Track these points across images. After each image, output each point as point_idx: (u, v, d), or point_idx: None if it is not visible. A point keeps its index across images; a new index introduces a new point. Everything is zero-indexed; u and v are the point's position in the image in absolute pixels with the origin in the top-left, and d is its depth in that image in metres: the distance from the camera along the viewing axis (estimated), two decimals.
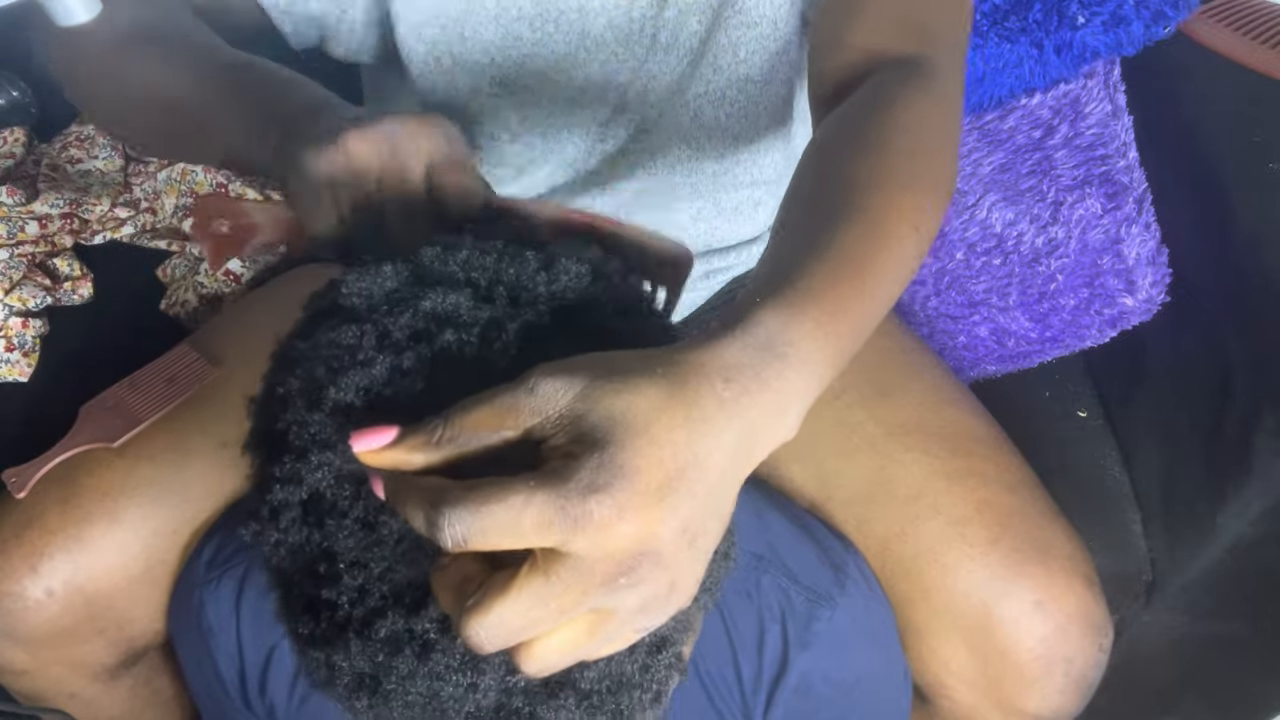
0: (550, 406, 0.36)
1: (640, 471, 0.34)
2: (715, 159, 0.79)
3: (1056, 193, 0.95)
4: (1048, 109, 0.97)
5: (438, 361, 0.40)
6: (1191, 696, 0.96)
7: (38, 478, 0.74)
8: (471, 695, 0.39)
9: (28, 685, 0.79)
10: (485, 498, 0.34)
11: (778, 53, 0.74)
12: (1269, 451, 0.77)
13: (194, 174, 1.14)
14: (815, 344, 0.40)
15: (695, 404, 0.36)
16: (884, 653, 0.74)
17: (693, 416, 0.36)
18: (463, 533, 0.34)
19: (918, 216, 0.49)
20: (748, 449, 0.37)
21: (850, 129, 0.54)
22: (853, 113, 0.55)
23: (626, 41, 0.72)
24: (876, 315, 0.45)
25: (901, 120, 0.53)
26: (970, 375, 1.04)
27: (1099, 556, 0.77)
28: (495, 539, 0.34)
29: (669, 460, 0.35)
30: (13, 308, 1.01)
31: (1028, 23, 0.93)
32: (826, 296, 0.42)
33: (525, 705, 0.40)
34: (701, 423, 0.36)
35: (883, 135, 0.52)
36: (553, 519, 0.33)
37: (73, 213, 1.08)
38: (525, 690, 0.40)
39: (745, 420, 0.37)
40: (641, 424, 0.35)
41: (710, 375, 0.37)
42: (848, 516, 0.77)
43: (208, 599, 0.71)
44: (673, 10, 0.71)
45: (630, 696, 0.42)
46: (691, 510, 0.35)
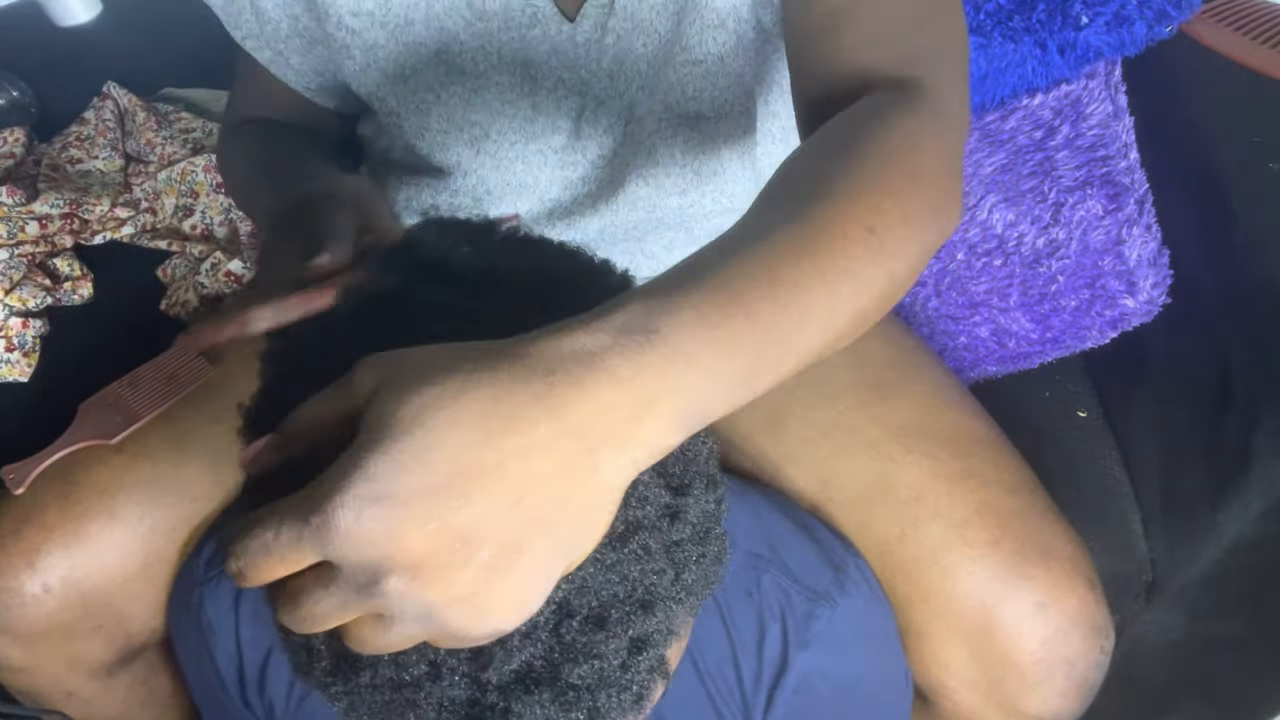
0: (360, 395, 0.34)
1: (387, 476, 0.31)
2: (679, 194, 0.77)
3: (1057, 194, 0.95)
4: (1049, 110, 0.97)
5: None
6: (1191, 696, 0.96)
7: (36, 474, 0.74)
8: (436, 684, 0.39)
9: (25, 682, 0.78)
10: (245, 528, 0.33)
11: (728, 88, 0.71)
12: (1269, 451, 0.77)
13: (194, 174, 1.14)
14: (693, 334, 0.35)
15: (494, 400, 0.32)
16: (884, 653, 0.74)
17: (486, 415, 0.32)
18: (238, 566, 0.33)
19: (873, 218, 0.42)
20: (586, 450, 0.33)
21: (825, 143, 0.50)
22: (834, 128, 0.51)
23: (572, 66, 0.70)
24: (808, 321, 0.39)
25: (883, 136, 0.48)
26: (970, 376, 1.04)
27: (1099, 556, 0.77)
28: (263, 566, 0.33)
29: (437, 464, 0.31)
30: (13, 308, 1.01)
31: (1031, 22, 0.93)
32: (720, 289, 0.37)
33: (500, 700, 0.39)
34: (499, 421, 0.32)
35: (856, 147, 0.47)
36: (300, 532, 0.32)
37: (73, 213, 1.08)
38: (499, 686, 0.39)
39: (573, 416, 0.33)
40: (407, 423, 0.32)
41: (531, 367, 0.33)
42: (848, 518, 0.77)
43: (207, 597, 0.71)
44: (612, 36, 0.69)
45: (608, 696, 0.41)
46: (471, 520, 0.32)
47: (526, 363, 0.33)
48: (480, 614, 0.33)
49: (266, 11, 0.72)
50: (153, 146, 1.17)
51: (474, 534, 0.32)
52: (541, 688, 0.39)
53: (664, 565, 0.41)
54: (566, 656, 0.39)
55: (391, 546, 0.32)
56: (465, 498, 0.32)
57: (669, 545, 0.41)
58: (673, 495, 0.42)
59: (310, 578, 0.33)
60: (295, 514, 0.32)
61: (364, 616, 0.34)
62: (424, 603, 0.32)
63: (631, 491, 0.40)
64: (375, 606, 0.33)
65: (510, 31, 0.69)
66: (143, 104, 1.20)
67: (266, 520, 0.33)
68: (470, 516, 0.32)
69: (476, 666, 0.39)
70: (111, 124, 1.19)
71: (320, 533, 0.32)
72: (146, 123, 1.18)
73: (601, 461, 0.33)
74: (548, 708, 0.39)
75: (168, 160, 1.15)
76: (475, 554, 0.32)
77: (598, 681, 0.40)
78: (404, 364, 0.34)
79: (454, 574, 0.32)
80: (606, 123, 0.73)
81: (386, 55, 0.71)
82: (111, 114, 1.20)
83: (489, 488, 0.32)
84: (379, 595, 0.32)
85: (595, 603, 0.40)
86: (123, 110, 1.21)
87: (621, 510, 0.39)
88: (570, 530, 0.34)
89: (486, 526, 0.32)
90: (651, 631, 0.41)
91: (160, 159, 1.16)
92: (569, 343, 0.34)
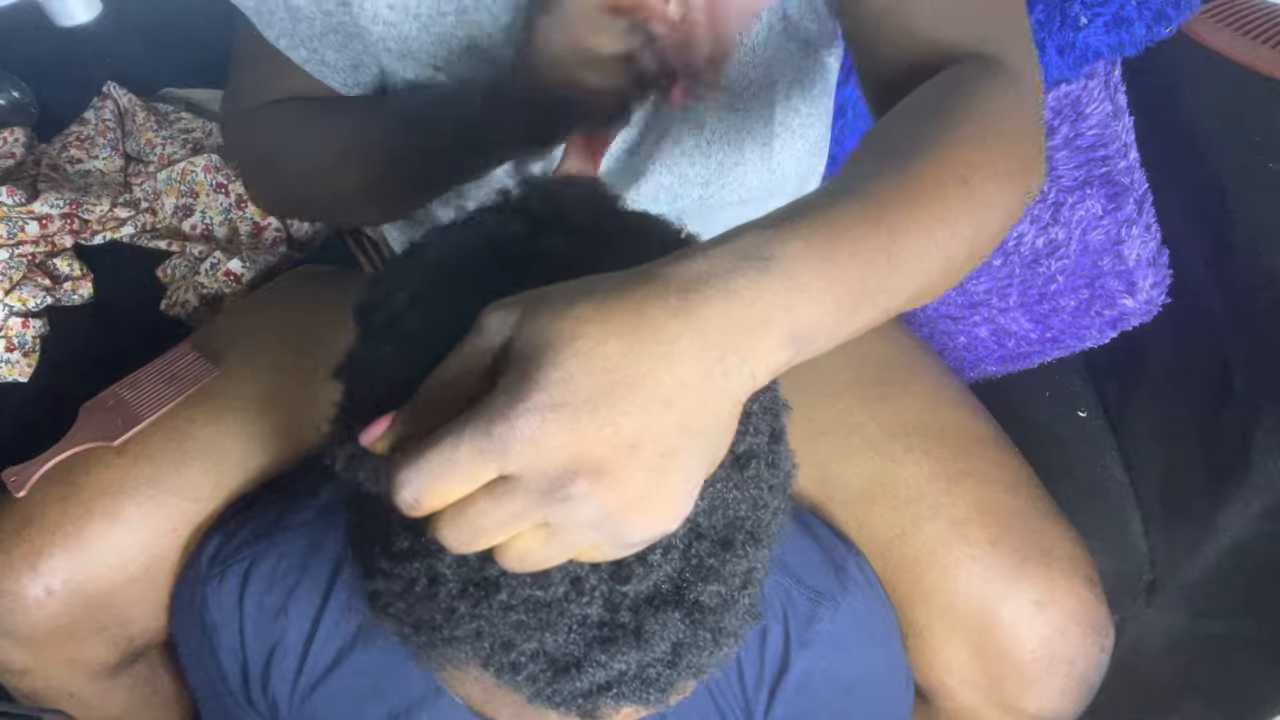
0: (496, 340, 0.35)
1: (562, 384, 0.33)
2: (700, 185, 0.77)
3: (1057, 193, 0.95)
4: (1048, 109, 0.97)
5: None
6: (1191, 696, 0.96)
7: (37, 477, 0.74)
8: (575, 602, 0.40)
9: (27, 684, 0.79)
10: (419, 451, 0.34)
11: (756, 79, 0.72)
12: (1269, 451, 0.77)
13: (194, 174, 1.14)
14: (804, 263, 0.38)
15: (638, 314, 0.34)
16: (885, 653, 0.74)
17: (633, 326, 0.34)
18: (413, 495, 0.34)
19: (966, 169, 0.45)
20: (718, 360, 0.35)
21: (918, 105, 0.52)
22: (923, 94, 0.53)
23: None
24: (905, 262, 0.41)
25: (971, 99, 0.50)
26: (970, 375, 1.04)
27: (1099, 556, 0.78)
28: (443, 488, 0.34)
29: (599, 372, 0.33)
30: (13, 308, 1.01)
31: (1030, 23, 0.93)
32: (828, 224, 0.39)
33: (632, 620, 0.41)
34: (647, 332, 0.34)
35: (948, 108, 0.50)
36: (483, 446, 0.33)
37: (73, 213, 1.08)
38: (632, 605, 0.40)
39: (707, 330, 0.35)
40: (566, 338, 0.34)
41: (665, 285, 0.35)
42: (848, 517, 0.77)
43: (210, 595, 0.71)
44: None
45: (731, 618, 0.43)
46: (638, 424, 0.34)
47: (660, 282, 0.35)
48: (651, 515, 0.35)
49: (300, 9, 0.71)
50: (152, 146, 1.17)
51: (640, 437, 0.34)
52: (671, 606, 0.41)
53: (768, 502, 0.44)
54: (697, 575, 0.41)
55: (576, 449, 0.33)
56: (632, 403, 0.34)
57: (770, 486, 0.44)
58: (772, 437, 0.44)
59: (483, 493, 0.34)
60: (475, 429, 0.33)
61: (527, 529, 0.35)
62: (602, 505, 0.34)
63: (748, 420, 0.42)
64: (554, 514, 0.34)
65: None
66: (143, 104, 1.20)
67: (441, 441, 0.33)
68: (637, 421, 0.34)
69: (617, 581, 0.40)
70: (111, 124, 1.19)
71: (506, 442, 0.33)
72: (146, 123, 1.18)
73: (730, 371, 0.35)
74: (678, 625, 0.41)
75: (168, 160, 1.15)
76: (644, 456, 0.34)
77: (721, 604, 0.42)
78: (539, 296, 0.36)
79: (629, 475, 0.34)
80: (632, 115, 0.74)
81: (420, 47, 0.71)
82: (111, 114, 1.20)
83: (646, 393, 0.34)
84: (562, 500, 0.34)
85: (721, 523, 0.42)
86: (123, 110, 1.21)
87: (739, 436, 0.41)
88: (711, 436, 0.36)
89: (649, 430, 0.34)
90: (755, 567, 0.43)
91: (160, 159, 1.16)
92: (696, 266, 0.36)
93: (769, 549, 0.45)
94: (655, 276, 0.36)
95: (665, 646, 0.41)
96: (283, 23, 0.73)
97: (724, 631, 0.43)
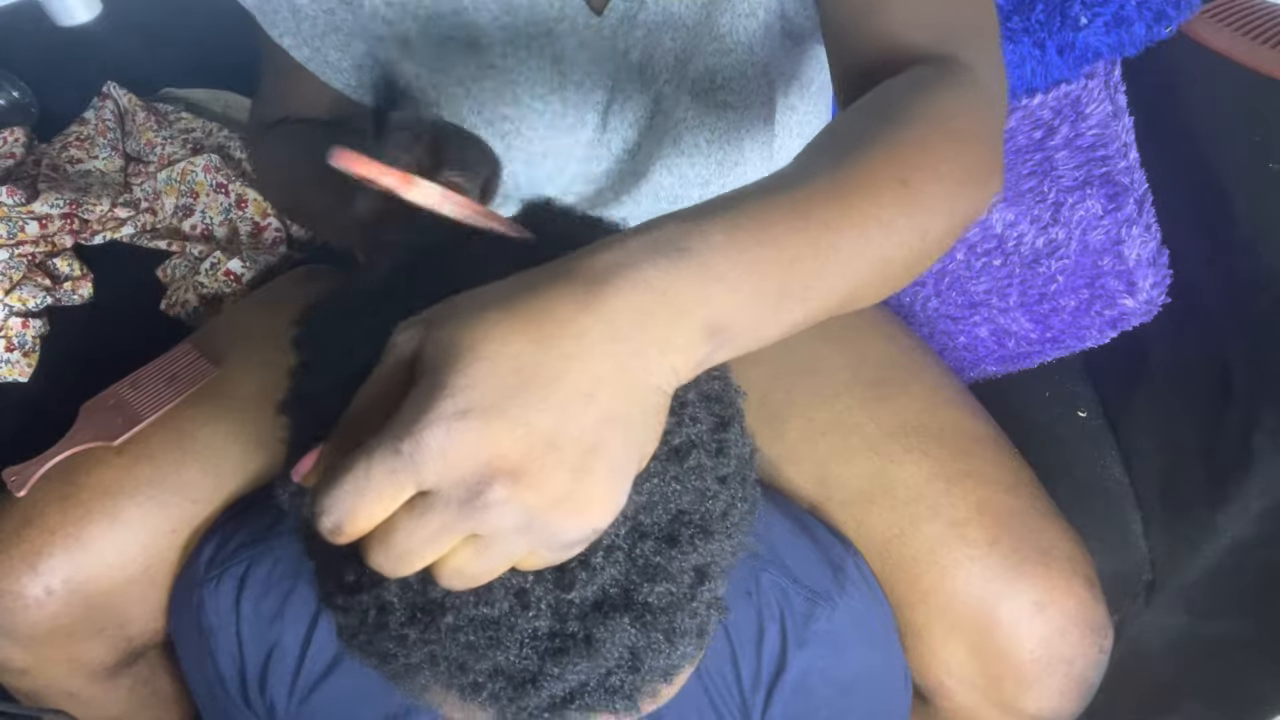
0: (407, 354, 0.35)
1: (467, 389, 0.32)
2: (701, 185, 0.77)
3: (1057, 193, 0.95)
4: (1048, 109, 0.97)
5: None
6: (1191, 696, 0.96)
7: (38, 476, 0.74)
8: (522, 615, 0.39)
9: (27, 684, 0.79)
10: (334, 476, 0.33)
11: (756, 78, 0.72)
12: (1269, 451, 0.77)
13: (194, 174, 1.14)
14: (723, 255, 0.37)
15: (545, 310, 0.34)
16: (883, 653, 0.74)
17: (539, 323, 0.33)
18: (333, 522, 0.33)
19: (907, 170, 0.44)
20: (634, 353, 0.34)
21: (866, 106, 0.51)
22: (876, 94, 0.52)
23: (600, 60, 0.71)
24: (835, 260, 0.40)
25: (922, 101, 0.50)
26: (970, 375, 1.04)
27: (1099, 556, 0.77)
28: (362, 512, 0.33)
29: (507, 374, 0.33)
30: (13, 308, 1.01)
31: (1030, 23, 0.93)
32: (753, 218, 0.38)
33: (580, 629, 0.40)
34: (554, 327, 0.33)
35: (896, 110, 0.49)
36: (393, 464, 0.32)
37: (73, 213, 1.08)
38: (580, 614, 0.40)
39: (619, 321, 0.34)
40: (469, 342, 0.33)
41: (573, 278, 0.35)
42: (847, 518, 0.77)
43: (208, 598, 0.71)
44: (642, 30, 0.69)
45: (682, 618, 0.42)
46: (553, 422, 0.33)
47: (568, 276, 0.35)
48: (580, 512, 0.34)
49: (303, 8, 0.72)
50: (152, 146, 1.17)
51: (558, 435, 0.33)
52: (620, 611, 0.40)
53: (717, 493, 0.43)
54: (644, 576, 0.41)
55: (488, 454, 0.32)
56: (544, 401, 0.33)
57: (719, 477, 0.43)
58: (716, 426, 0.44)
59: (403, 512, 0.33)
60: (384, 448, 0.33)
61: (459, 545, 0.34)
62: (527, 508, 0.33)
63: (683, 410, 0.42)
64: (478, 524, 0.33)
65: (538, 25, 0.69)
66: (143, 104, 1.20)
67: (353, 464, 0.33)
68: (552, 419, 0.33)
69: (562, 588, 0.39)
70: (111, 124, 1.19)
71: (415, 457, 0.32)
72: (146, 123, 1.18)
73: (650, 363, 0.35)
74: (628, 630, 0.41)
75: (167, 160, 1.15)
76: (564, 454, 0.33)
77: (671, 603, 0.41)
78: (447, 306, 0.35)
79: (549, 475, 0.33)
80: (633, 116, 0.74)
81: (419, 48, 0.71)
82: (111, 114, 1.20)
83: (561, 390, 0.33)
84: (482, 508, 0.33)
85: (665, 519, 0.41)
86: (123, 110, 1.21)
87: (676, 427, 0.41)
88: (637, 427, 0.35)
89: (567, 427, 0.33)
90: (710, 562, 0.43)
91: (160, 159, 1.16)
92: (608, 257, 0.35)
93: (729, 539, 0.44)
94: (563, 271, 0.35)
95: (620, 652, 0.41)
96: (286, 21, 0.73)
97: (678, 631, 0.42)
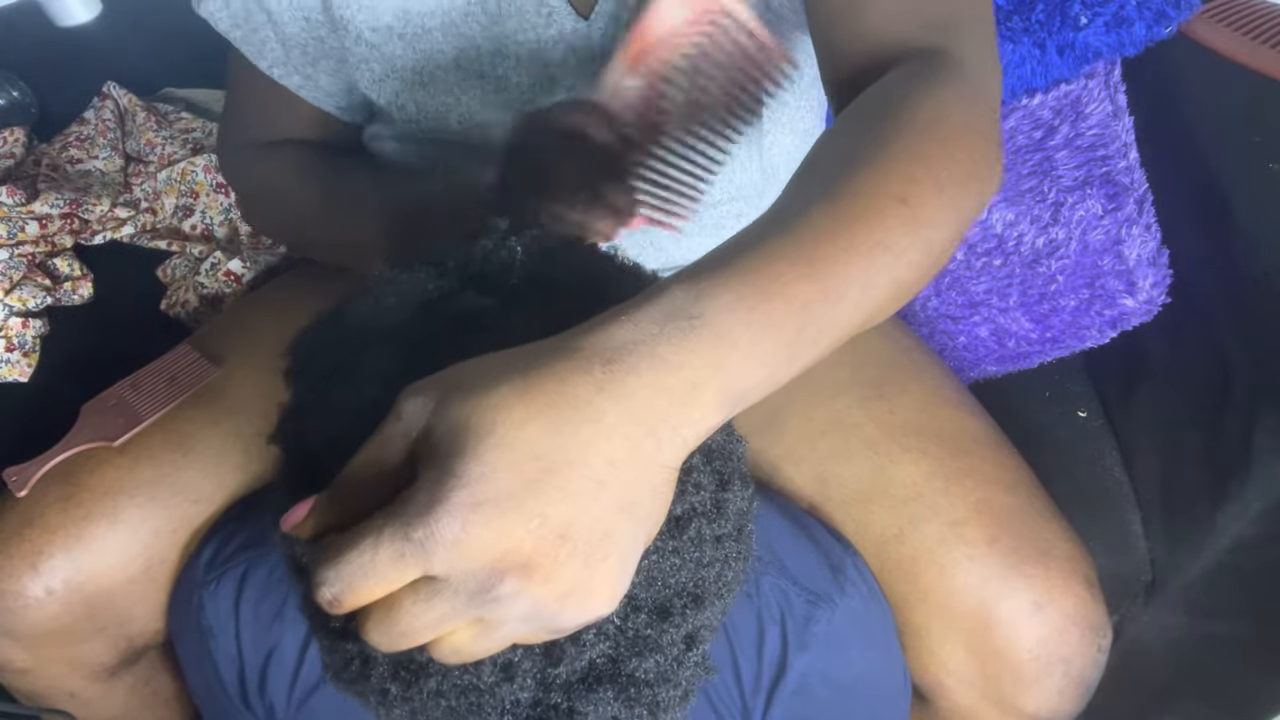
0: (414, 425, 0.34)
1: (483, 480, 0.31)
2: None
3: (1057, 193, 0.94)
4: (1048, 109, 0.97)
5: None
6: (1191, 696, 0.96)
7: (38, 477, 0.74)
8: (507, 686, 0.39)
9: (27, 684, 0.79)
10: (338, 550, 0.33)
11: None
12: (1269, 451, 0.77)
13: (194, 174, 1.14)
14: (734, 318, 0.36)
15: (560, 393, 0.33)
16: (883, 653, 0.74)
17: (556, 407, 0.33)
18: (332, 594, 0.33)
19: (905, 187, 0.43)
20: (649, 433, 0.34)
21: (853, 118, 0.50)
22: (862, 103, 0.51)
23: (589, 63, 0.70)
24: (847, 296, 0.39)
25: (911, 106, 0.48)
26: (970, 375, 1.04)
27: (1099, 556, 0.77)
28: (362, 589, 0.32)
29: (523, 462, 0.32)
30: (13, 308, 1.01)
31: (1030, 23, 0.93)
32: (758, 270, 0.37)
33: (563, 700, 0.40)
34: (570, 412, 0.33)
35: (884, 119, 0.47)
36: (402, 550, 0.32)
37: (73, 213, 1.08)
38: (564, 685, 0.39)
39: (635, 402, 0.33)
40: (485, 427, 0.32)
41: (587, 358, 0.34)
42: (846, 517, 0.77)
43: (207, 599, 0.71)
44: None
45: (667, 691, 0.41)
46: (568, 513, 0.32)
47: (583, 354, 0.34)
48: (585, 603, 0.34)
49: (293, 37, 0.72)
50: (153, 146, 1.17)
51: (571, 525, 0.32)
52: (605, 684, 0.40)
53: (713, 557, 0.42)
54: (632, 650, 0.40)
55: (502, 549, 0.32)
56: (560, 490, 0.32)
57: (715, 538, 0.42)
58: (718, 487, 0.43)
59: (408, 593, 0.33)
60: (394, 531, 0.32)
61: (460, 625, 0.34)
62: (534, 600, 0.33)
63: (685, 478, 0.41)
64: (485, 613, 0.33)
65: (527, 33, 0.69)
66: (143, 104, 1.20)
67: (360, 542, 0.32)
68: (566, 509, 0.32)
69: (548, 664, 0.39)
70: (111, 124, 1.19)
71: (426, 546, 0.31)
72: (146, 123, 1.18)
73: (662, 442, 0.34)
74: (612, 704, 0.40)
75: (168, 160, 1.15)
76: (575, 545, 0.33)
77: (658, 676, 0.41)
78: (457, 378, 0.34)
79: (560, 568, 0.32)
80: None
81: (405, 65, 0.71)
82: (111, 114, 1.20)
83: (576, 478, 0.32)
84: (492, 601, 0.32)
85: (660, 594, 0.40)
86: (123, 110, 1.21)
87: (678, 497, 0.40)
88: (646, 509, 0.35)
89: (581, 516, 0.33)
90: (701, 627, 0.42)
91: (160, 159, 1.16)
92: (619, 333, 0.35)
93: (720, 601, 0.43)
94: (576, 349, 0.34)
95: None
96: (275, 52, 0.73)
97: (661, 705, 0.41)
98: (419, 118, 0.74)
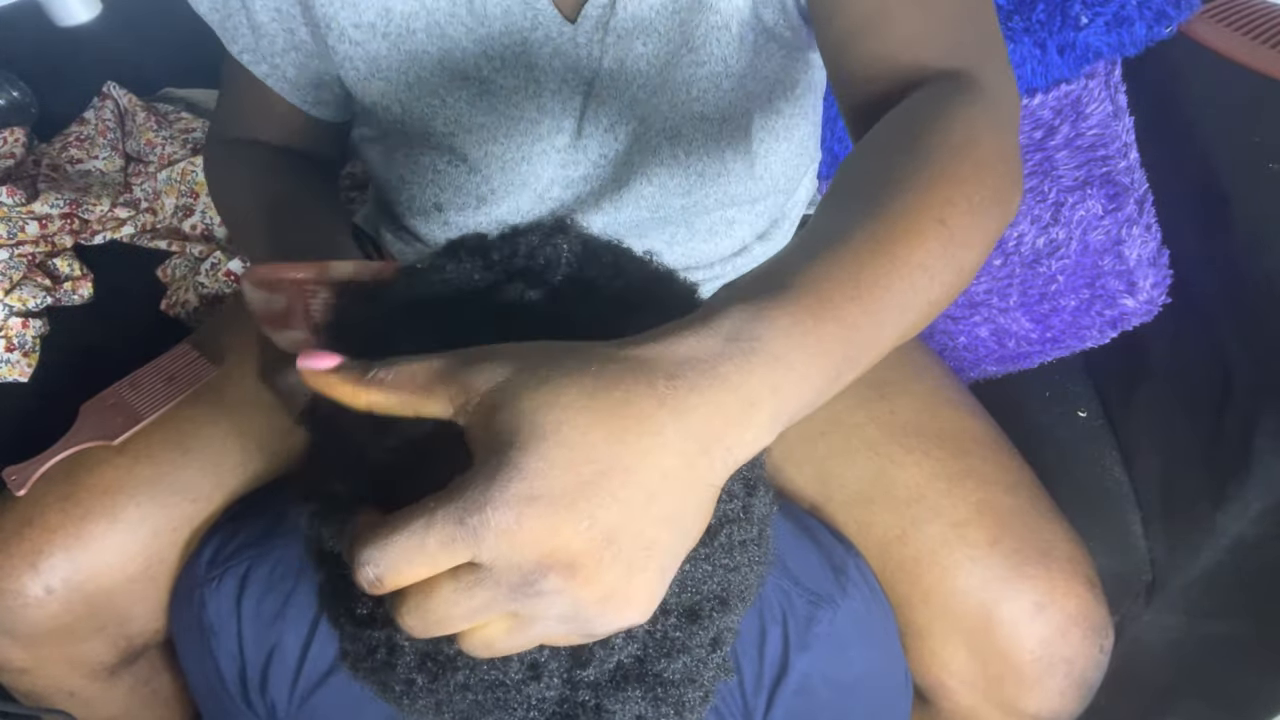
0: (477, 387, 0.34)
1: (542, 475, 0.32)
2: (682, 195, 0.77)
3: (1057, 193, 0.95)
4: (1049, 109, 0.97)
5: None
6: (1191, 696, 0.96)
7: (38, 476, 0.74)
8: (534, 685, 0.39)
9: (27, 683, 0.79)
10: (389, 530, 0.33)
11: (732, 89, 0.72)
12: (1269, 451, 0.77)
13: (194, 174, 1.14)
14: (791, 341, 0.37)
15: (625, 403, 0.33)
16: (884, 654, 0.74)
17: (619, 415, 0.33)
18: (374, 574, 0.33)
19: (943, 209, 0.44)
20: (703, 450, 0.34)
21: (887, 138, 0.51)
22: (893, 122, 0.52)
23: (574, 67, 0.71)
24: (887, 318, 0.41)
25: (944, 129, 0.49)
26: (970, 375, 1.04)
27: (1099, 557, 0.77)
28: (406, 571, 0.33)
29: (581, 464, 0.32)
30: (13, 308, 1.01)
31: (1031, 23, 0.93)
32: (811, 293, 0.38)
33: (591, 698, 0.40)
34: (632, 422, 0.33)
35: (920, 141, 0.48)
36: (454, 534, 0.32)
37: (73, 213, 1.08)
38: (592, 684, 0.40)
39: (694, 419, 0.34)
40: (551, 425, 0.32)
41: (652, 371, 0.34)
42: (848, 518, 0.77)
43: (209, 598, 0.71)
44: (614, 35, 0.69)
45: (692, 690, 0.42)
46: (617, 519, 0.33)
47: (648, 366, 0.35)
48: (621, 610, 0.34)
49: (263, 26, 0.72)
50: (153, 146, 1.17)
51: (618, 531, 0.33)
52: (632, 682, 0.40)
53: (739, 562, 0.42)
54: (661, 651, 0.40)
55: (551, 545, 0.32)
56: (612, 496, 0.33)
57: (742, 543, 0.43)
58: (747, 494, 0.43)
59: (448, 579, 0.33)
60: (447, 515, 0.32)
61: (495, 618, 0.34)
62: (574, 601, 0.33)
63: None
64: (522, 607, 0.33)
65: (512, 35, 0.69)
66: (143, 104, 1.20)
67: (410, 524, 0.32)
68: (616, 515, 0.33)
69: (577, 665, 0.39)
70: (111, 124, 1.19)
71: (480, 533, 0.32)
72: (146, 123, 1.18)
73: (715, 460, 0.35)
74: (639, 703, 0.40)
75: (168, 160, 1.15)
76: (620, 551, 0.33)
77: (685, 677, 0.41)
78: (532, 361, 0.35)
79: (603, 572, 0.33)
80: (608, 122, 0.73)
81: (389, 65, 0.71)
82: (111, 114, 1.20)
83: (628, 486, 0.33)
84: (533, 595, 0.33)
85: (690, 598, 0.41)
86: (123, 110, 1.21)
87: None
88: (689, 524, 0.35)
89: (628, 524, 0.33)
90: (725, 629, 0.43)
91: (160, 159, 1.16)
92: (683, 348, 0.35)
93: (744, 602, 0.43)
94: (643, 359, 0.35)
95: None
96: (245, 38, 0.74)
97: (686, 705, 0.42)
98: (404, 119, 0.74)
